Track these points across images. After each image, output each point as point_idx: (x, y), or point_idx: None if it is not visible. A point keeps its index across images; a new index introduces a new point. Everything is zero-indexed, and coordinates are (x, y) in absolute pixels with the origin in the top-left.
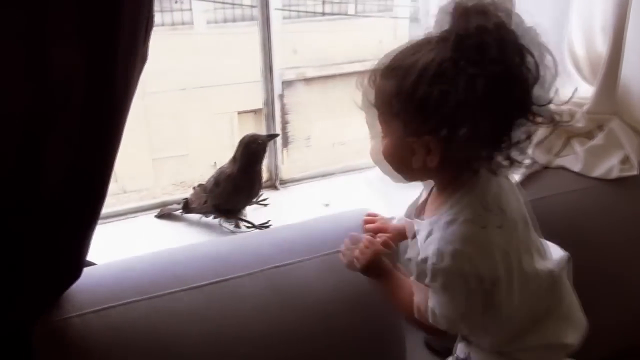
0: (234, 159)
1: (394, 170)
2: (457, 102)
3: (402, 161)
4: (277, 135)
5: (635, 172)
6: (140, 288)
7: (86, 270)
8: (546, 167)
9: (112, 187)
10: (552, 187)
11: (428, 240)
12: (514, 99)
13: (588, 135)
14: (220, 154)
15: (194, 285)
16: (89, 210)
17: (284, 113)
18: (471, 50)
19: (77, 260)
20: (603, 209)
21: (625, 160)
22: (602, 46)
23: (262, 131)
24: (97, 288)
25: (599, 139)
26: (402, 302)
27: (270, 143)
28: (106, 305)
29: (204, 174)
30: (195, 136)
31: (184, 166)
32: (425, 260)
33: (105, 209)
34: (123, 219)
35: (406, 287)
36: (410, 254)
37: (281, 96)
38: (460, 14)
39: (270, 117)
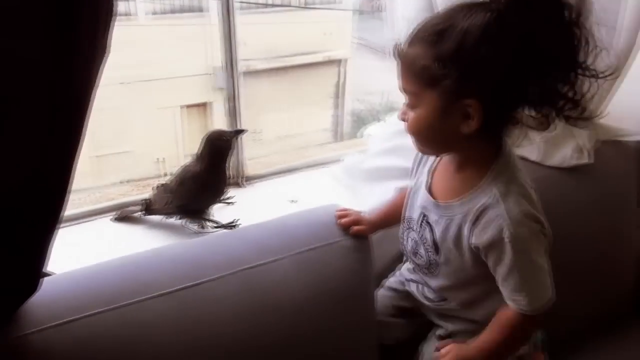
0: (199, 156)
1: (421, 143)
2: (505, 62)
3: (435, 131)
4: (243, 131)
5: (587, 160)
6: (104, 298)
7: (44, 281)
8: None
9: None
10: None
11: (484, 219)
12: (562, 58)
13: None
14: (165, 149)
15: (164, 291)
16: (48, 213)
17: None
18: (520, 8)
19: (35, 271)
20: (560, 196)
21: (578, 150)
22: None
23: (210, 126)
24: (57, 300)
25: (553, 129)
26: (509, 342)
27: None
28: (68, 319)
29: (149, 170)
30: (138, 132)
31: (127, 163)
32: (493, 243)
33: None
34: (77, 224)
35: (494, 335)
36: (445, 238)
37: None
38: None
39: (233, 112)
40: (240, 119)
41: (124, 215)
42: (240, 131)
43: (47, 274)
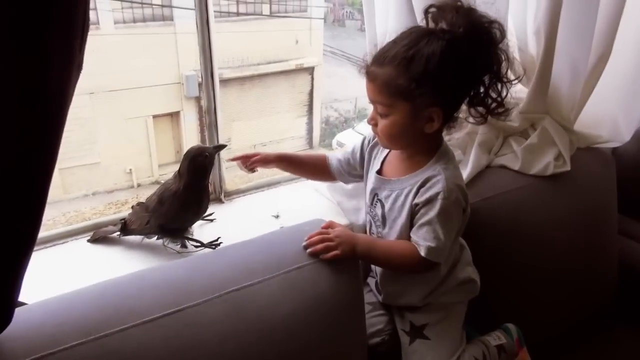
0: (179, 174)
1: (389, 141)
2: (457, 77)
3: (405, 132)
4: (224, 146)
5: (567, 168)
6: (83, 328)
7: (17, 313)
8: (488, 166)
9: None
10: (495, 187)
11: (428, 185)
12: (497, 69)
13: (523, 134)
14: (135, 160)
15: (147, 318)
16: (23, 236)
17: (201, 116)
18: (464, 36)
19: (7, 301)
20: (541, 204)
21: (558, 157)
22: (534, 49)
23: (181, 135)
24: (32, 333)
25: (533, 138)
26: (396, 256)
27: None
28: (45, 353)
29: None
30: (107, 143)
31: (96, 175)
32: (430, 199)
33: None
34: (50, 246)
35: (391, 243)
36: (392, 204)
37: (198, 99)
38: (449, 12)
39: (212, 125)
40: (218, 133)
41: (99, 236)
42: (221, 146)
43: (20, 304)
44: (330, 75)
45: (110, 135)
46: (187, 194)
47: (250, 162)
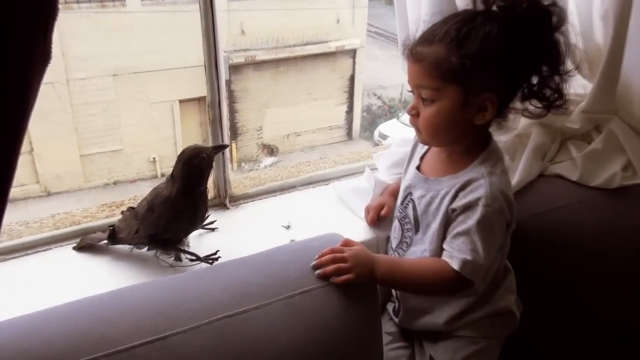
0: (172, 177)
1: (433, 135)
2: (515, 61)
3: (453, 122)
4: (225, 146)
5: (638, 180)
6: (51, 355)
7: None
8: (541, 175)
9: (34, 188)
10: (548, 200)
11: (468, 188)
12: (555, 58)
13: (585, 137)
14: (159, 148)
15: (120, 347)
16: None
17: (231, 101)
18: (525, 22)
19: None
20: (605, 223)
21: (627, 167)
22: (601, 37)
23: (208, 128)
24: None
25: (597, 143)
26: (424, 277)
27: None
28: None
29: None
30: (130, 129)
31: (118, 163)
32: (469, 205)
33: (7, 242)
34: (32, 253)
35: (418, 262)
36: (427, 206)
37: (228, 82)
38: None
39: (218, 122)
40: (222, 130)
41: (85, 243)
42: (222, 147)
43: None
44: (374, 59)
45: (133, 121)
46: (181, 201)
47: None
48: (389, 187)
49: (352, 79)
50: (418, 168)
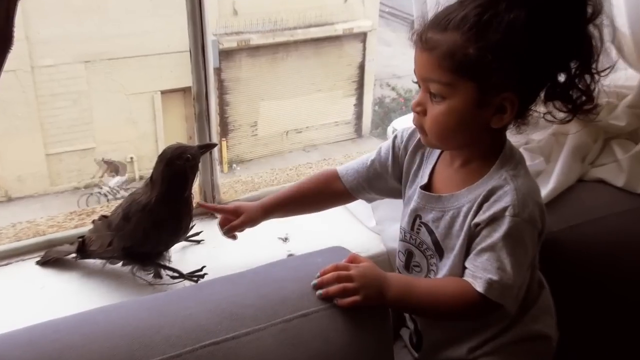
0: (152, 181)
1: (441, 137)
2: (541, 56)
3: (465, 124)
4: (213, 145)
5: None
6: None
7: None
8: (580, 180)
9: None
10: (589, 209)
11: (493, 198)
12: (587, 54)
13: (632, 136)
14: (138, 146)
15: None
16: None
17: (221, 93)
18: (556, 11)
19: None
20: None
21: None
22: None
23: (194, 123)
24: None
25: None
26: (443, 300)
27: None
28: None
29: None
30: (104, 124)
31: (89, 164)
32: (494, 216)
33: None
34: None
35: (435, 283)
36: (445, 225)
37: (218, 70)
38: None
39: (205, 117)
40: (210, 127)
41: (51, 257)
42: (209, 146)
43: None
44: (387, 44)
45: (108, 115)
46: (161, 209)
47: (227, 229)
48: (268, 197)
49: (361, 67)
50: (425, 187)
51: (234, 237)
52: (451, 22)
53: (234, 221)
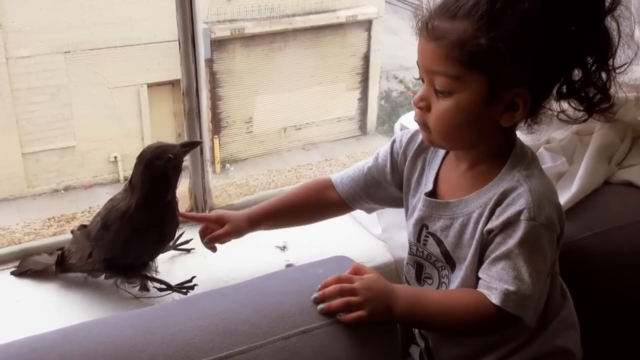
0: (131, 185)
1: (447, 136)
2: (558, 50)
3: (473, 122)
4: (197, 143)
5: None
6: None
7: None
8: (606, 183)
9: None
10: (616, 215)
11: (507, 201)
12: (604, 49)
13: None
14: (122, 144)
15: None
16: None
17: (214, 86)
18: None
19: None
20: None
21: None
22: None
23: (184, 120)
24: None
25: None
26: (455, 313)
27: (194, 152)
28: None
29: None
30: (85, 120)
31: (69, 164)
32: (509, 221)
33: None
34: None
35: (447, 294)
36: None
37: (210, 62)
38: None
39: (195, 114)
40: (201, 124)
41: (27, 268)
42: (193, 144)
43: None
44: (394, 33)
45: (89, 110)
46: (141, 215)
47: (209, 239)
48: (254, 207)
49: (366, 57)
50: (430, 194)
51: (214, 249)
52: (461, 10)
53: (217, 231)
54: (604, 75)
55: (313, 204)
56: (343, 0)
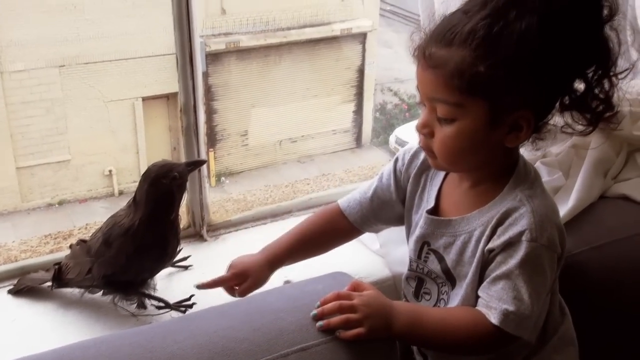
0: (135, 202)
1: (451, 160)
2: (557, 68)
3: (477, 146)
4: (202, 162)
5: None
6: None
7: None
8: (602, 197)
9: None
10: (613, 229)
11: (508, 221)
12: (605, 58)
13: None
14: (117, 158)
15: None
16: None
17: (209, 99)
18: (570, 15)
19: None
20: None
21: None
22: None
23: (180, 136)
24: None
25: None
26: (454, 332)
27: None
28: None
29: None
30: (80, 134)
31: (64, 178)
32: (510, 241)
33: None
34: None
35: (446, 312)
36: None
37: (205, 75)
38: None
39: (193, 131)
40: (199, 141)
41: (24, 285)
42: (198, 163)
43: None
44: (389, 45)
45: (84, 124)
46: (145, 233)
47: (240, 293)
48: (271, 248)
49: (361, 70)
50: (432, 212)
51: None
52: (457, 36)
53: (244, 285)
54: (606, 84)
55: (326, 235)
56: (338, 14)
